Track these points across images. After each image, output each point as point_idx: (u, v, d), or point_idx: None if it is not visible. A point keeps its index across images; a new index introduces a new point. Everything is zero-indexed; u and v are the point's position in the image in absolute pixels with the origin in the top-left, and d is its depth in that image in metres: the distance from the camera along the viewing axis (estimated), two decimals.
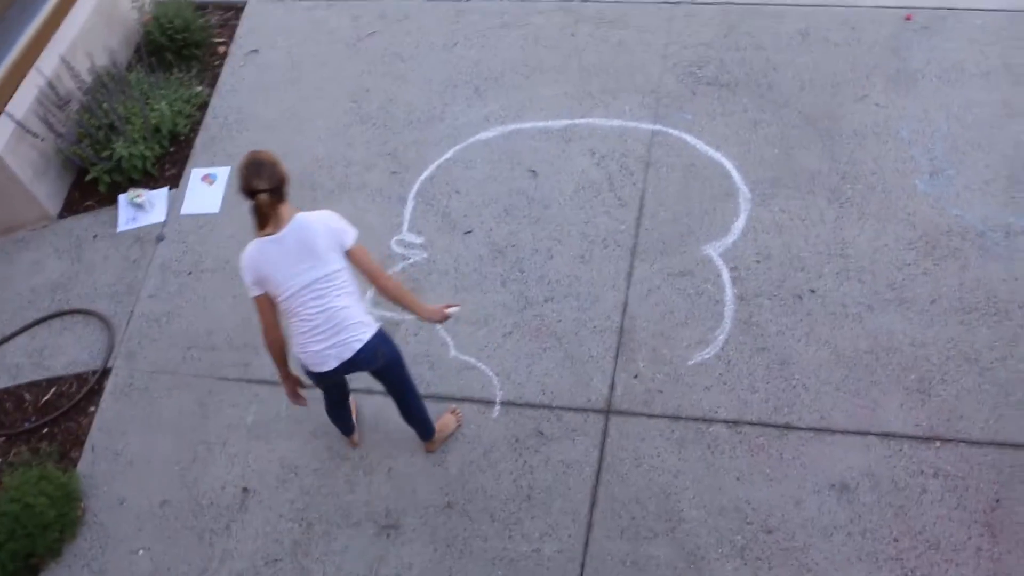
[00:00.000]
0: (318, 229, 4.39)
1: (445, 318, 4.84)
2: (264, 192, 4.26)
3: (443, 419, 5.49)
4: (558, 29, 7.40)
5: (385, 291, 4.65)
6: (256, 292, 4.49)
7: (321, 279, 4.41)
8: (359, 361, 4.61)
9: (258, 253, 4.40)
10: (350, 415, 5.41)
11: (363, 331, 4.56)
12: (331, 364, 4.57)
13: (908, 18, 6.98)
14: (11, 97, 5.94)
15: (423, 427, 5.31)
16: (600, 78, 7.01)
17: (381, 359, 4.71)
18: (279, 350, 4.69)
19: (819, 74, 6.76)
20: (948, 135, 6.29)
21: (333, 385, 4.99)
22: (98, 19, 7.44)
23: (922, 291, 5.66)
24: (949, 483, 4.99)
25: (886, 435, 5.19)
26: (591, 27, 7.36)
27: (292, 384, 4.96)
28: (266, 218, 4.33)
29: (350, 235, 4.47)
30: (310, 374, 4.73)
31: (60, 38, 6.94)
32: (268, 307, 4.53)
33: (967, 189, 6.03)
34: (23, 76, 4.20)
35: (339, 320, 4.49)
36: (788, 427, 5.29)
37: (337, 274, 4.44)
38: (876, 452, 5.14)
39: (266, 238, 4.37)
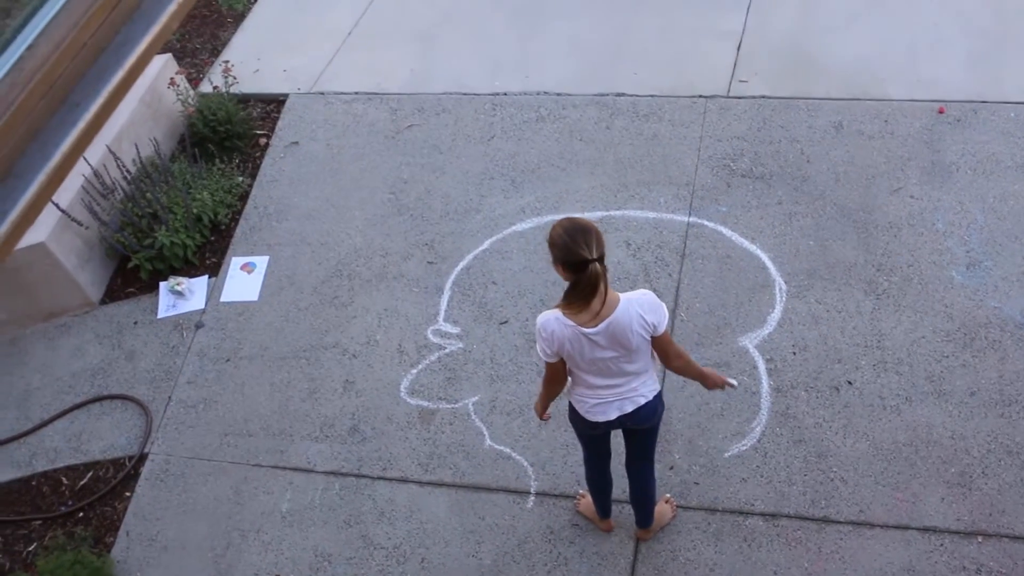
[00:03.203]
0: (635, 326, 4.14)
1: (724, 385, 4.64)
2: (596, 261, 3.92)
3: (659, 508, 5.30)
4: (593, 122, 7.51)
5: (677, 371, 4.50)
6: (553, 360, 4.32)
7: (623, 360, 4.27)
8: (638, 416, 4.49)
9: (570, 340, 4.17)
10: (611, 488, 5.18)
11: (648, 390, 4.45)
12: (611, 415, 4.46)
13: (941, 111, 7.03)
14: (58, 187, 6.10)
15: (647, 508, 5.14)
16: (635, 170, 7.09)
17: (656, 420, 4.61)
18: (554, 397, 4.61)
19: (853, 167, 6.80)
20: (984, 227, 6.30)
21: (601, 439, 4.82)
22: (143, 111, 7.64)
23: (961, 383, 5.61)
24: None
25: (927, 530, 5.11)
26: (626, 120, 7.46)
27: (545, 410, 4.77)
28: (595, 293, 4.02)
29: (663, 324, 4.21)
30: (583, 423, 4.60)
31: (106, 129, 7.11)
32: (562, 369, 4.38)
33: (1005, 281, 6.01)
34: (71, 168, 4.35)
35: (628, 381, 4.38)
36: (826, 520, 5.22)
37: (639, 353, 4.29)
38: (917, 547, 5.06)
39: (581, 328, 4.12)
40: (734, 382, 4.65)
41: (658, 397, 4.52)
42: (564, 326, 4.14)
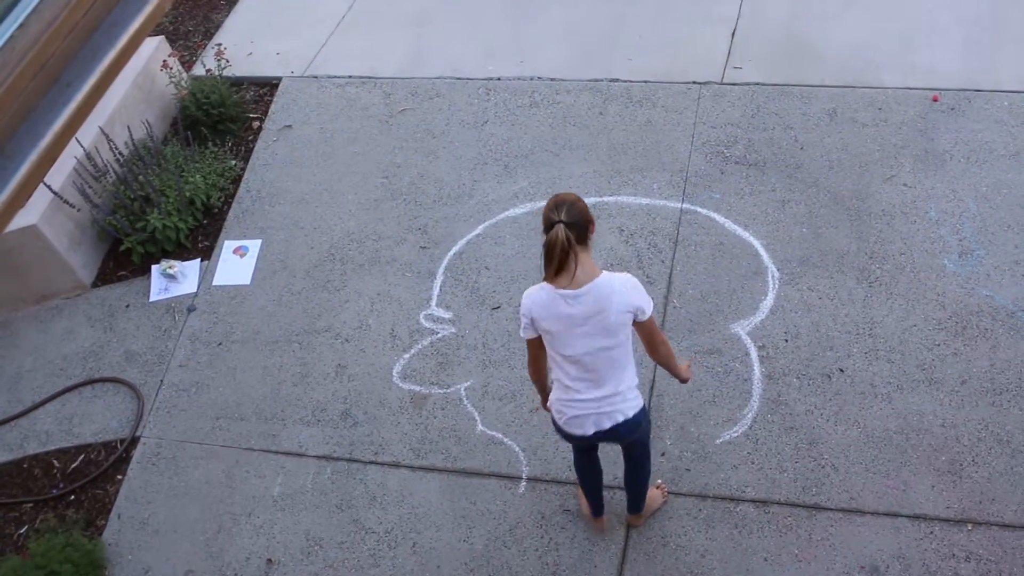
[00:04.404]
0: (617, 303, 4.11)
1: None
2: (560, 222, 3.93)
3: (650, 494, 5.27)
4: (587, 108, 7.50)
5: (659, 359, 4.48)
6: (530, 335, 4.30)
7: (602, 350, 4.22)
8: (616, 433, 4.46)
9: (546, 305, 4.15)
10: (601, 485, 5.13)
11: (628, 407, 4.38)
12: (588, 429, 4.42)
13: (935, 99, 7.03)
14: (49, 168, 6.10)
15: (639, 497, 5.14)
16: (629, 156, 7.08)
17: (637, 435, 4.57)
18: (543, 385, 4.57)
19: (847, 154, 6.80)
20: (977, 215, 6.31)
21: (585, 447, 4.83)
22: (136, 93, 7.61)
23: (952, 372, 5.63)
24: (982, 567, 4.91)
25: (917, 517, 5.12)
26: (619, 106, 7.45)
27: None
28: (564, 257, 3.99)
29: (650, 307, 4.19)
30: (562, 433, 4.56)
31: (99, 111, 7.08)
32: (539, 348, 4.35)
33: (997, 269, 6.02)
34: (63, 148, 4.34)
35: (606, 391, 4.32)
36: (817, 507, 5.24)
37: (619, 347, 4.25)
38: (907, 534, 5.07)
39: (559, 290, 4.09)
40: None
41: (642, 412, 4.46)
42: (541, 290, 4.17)
